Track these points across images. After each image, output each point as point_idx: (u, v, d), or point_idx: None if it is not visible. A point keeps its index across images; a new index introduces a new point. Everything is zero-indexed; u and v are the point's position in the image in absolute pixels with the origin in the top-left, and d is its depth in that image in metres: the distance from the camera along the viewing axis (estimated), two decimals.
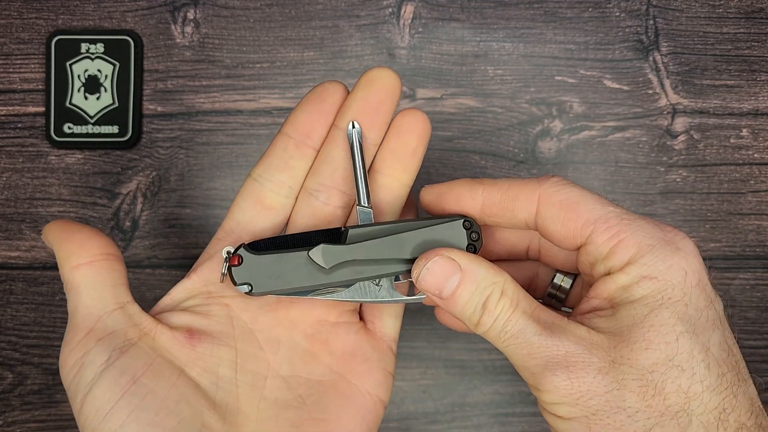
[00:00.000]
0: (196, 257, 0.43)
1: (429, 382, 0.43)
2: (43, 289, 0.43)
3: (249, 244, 0.28)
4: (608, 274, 0.26)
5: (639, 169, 0.43)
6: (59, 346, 0.43)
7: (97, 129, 0.43)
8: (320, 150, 0.29)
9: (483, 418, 0.43)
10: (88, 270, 0.27)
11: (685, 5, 0.44)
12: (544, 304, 0.31)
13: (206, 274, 0.29)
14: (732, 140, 0.43)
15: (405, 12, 0.44)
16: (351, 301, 0.29)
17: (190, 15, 0.44)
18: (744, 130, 0.43)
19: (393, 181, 0.29)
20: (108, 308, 0.27)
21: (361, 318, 0.32)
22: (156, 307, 0.29)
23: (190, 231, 0.43)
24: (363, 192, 0.28)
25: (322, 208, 0.29)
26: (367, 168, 0.28)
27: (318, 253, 0.27)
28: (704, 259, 0.43)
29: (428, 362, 0.43)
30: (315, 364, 0.29)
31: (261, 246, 0.28)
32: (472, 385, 0.43)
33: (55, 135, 0.43)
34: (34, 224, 0.43)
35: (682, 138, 0.43)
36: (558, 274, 0.31)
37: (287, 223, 0.30)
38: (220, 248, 0.29)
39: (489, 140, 0.43)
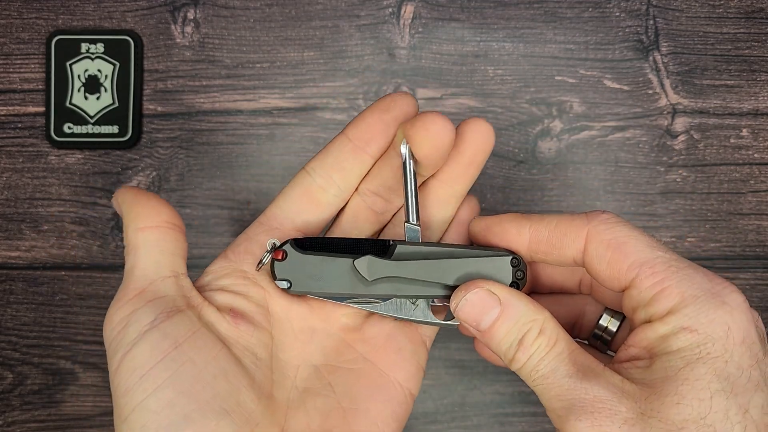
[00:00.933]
0: (196, 257, 0.43)
1: (429, 382, 0.43)
2: (43, 289, 0.43)
3: (295, 241, 0.28)
4: (649, 321, 0.25)
5: (639, 169, 0.43)
6: (59, 346, 0.43)
7: (97, 129, 0.43)
8: (381, 158, 0.29)
9: (483, 418, 0.43)
10: (152, 234, 0.27)
11: (685, 5, 0.44)
12: (589, 344, 0.31)
13: (243, 256, 0.29)
14: (732, 140, 0.43)
15: (405, 12, 0.44)
16: (384, 315, 0.29)
17: (190, 15, 0.44)
18: (744, 130, 0.43)
19: (446, 190, 0.29)
20: (162, 273, 0.27)
21: None
22: (195, 284, 0.29)
23: (190, 231, 0.43)
24: (412, 209, 0.28)
25: (368, 215, 0.29)
26: (418, 185, 0.28)
27: (363, 264, 0.27)
28: (704, 259, 0.43)
29: (428, 362, 0.43)
30: (348, 352, 0.29)
31: (307, 245, 0.28)
32: (472, 385, 0.43)
33: (55, 135, 0.43)
34: (34, 224, 0.43)
35: (682, 138, 0.43)
36: (605, 315, 0.30)
37: (331, 223, 0.30)
38: (261, 232, 0.29)
39: None
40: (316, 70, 0.44)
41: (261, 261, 0.28)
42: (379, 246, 0.28)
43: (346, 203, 0.29)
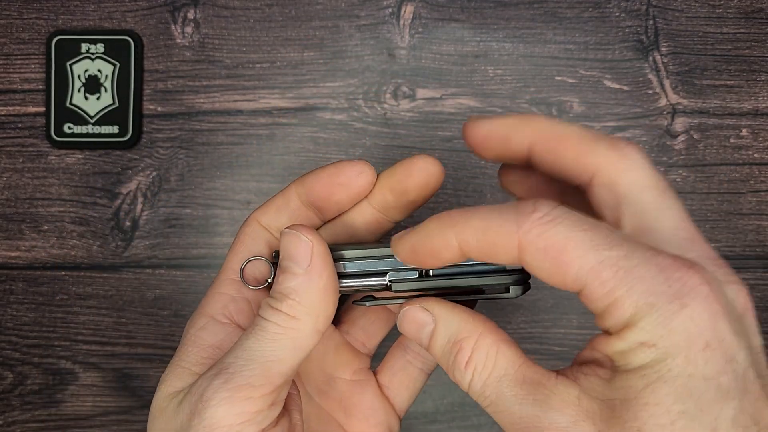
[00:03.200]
0: (196, 257, 0.43)
1: (429, 382, 0.43)
2: (43, 289, 0.43)
3: None
4: (608, 332, 0.22)
5: None
6: (59, 346, 0.43)
7: (97, 129, 0.43)
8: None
9: (483, 418, 0.43)
10: (319, 341, 0.25)
11: (685, 5, 0.44)
12: None
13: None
14: (732, 140, 0.43)
15: (405, 12, 0.44)
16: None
17: (190, 15, 0.44)
18: (744, 130, 0.43)
19: (379, 218, 0.29)
20: (291, 378, 0.25)
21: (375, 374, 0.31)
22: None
23: (190, 231, 0.43)
24: None
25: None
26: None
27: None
28: None
29: None
30: (328, 423, 0.29)
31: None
32: None
33: (55, 135, 0.43)
34: (34, 224, 0.43)
35: (682, 138, 0.43)
36: None
37: None
38: (226, 282, 0.28)
39: None
40: (316, 70, 0.44)
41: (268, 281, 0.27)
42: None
43: None
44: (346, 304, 0.32)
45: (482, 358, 0.23)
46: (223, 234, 0.43)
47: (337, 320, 0.31)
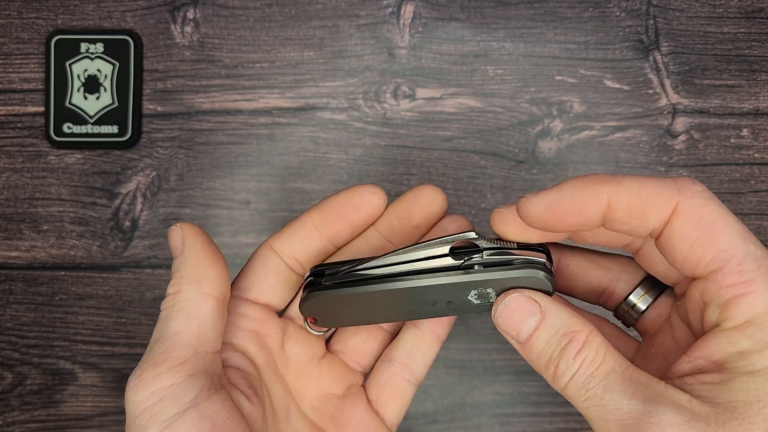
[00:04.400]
0: None
1: (429, 382, 0.43)
2: (43, 289, 0.43)
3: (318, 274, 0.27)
4: (719, 326, 0.22)
5: (639, 169, 0.43)
6: (59, 346, 0.43)
7: (96, 129, 0.43)
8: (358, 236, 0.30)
9: (483, 418, 0.43)
10: (213, 304, 0.26)
11: (686, 5, 0.44)
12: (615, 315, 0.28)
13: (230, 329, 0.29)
14: (732, 140, 0.43)
15: (405, 12, 0.44)
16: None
17: (190, 15, 0.44)
18: (744, 130, 0.43)
19: (387, 243, 0.29)
20: (208, 348, 0.25)
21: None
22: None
23: None
24: None
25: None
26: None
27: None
28: None
29: None
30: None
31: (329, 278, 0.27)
32: (472, 385, 0.43)
33: (55, 135, 0.43)
34: (34, 224, 0.43)
35: (682, 138, 0.43)
36: (638, 290, 0.27)
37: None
38: (235, 305, 0.29)
39: (489, 140, 0.43)
40: (316, 70, 0.43)
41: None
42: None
43: None
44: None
45: (593, 351, 0.23)
46: (222, 234, 0.43)
47: (328, 341, 0.31)
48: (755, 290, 0.21)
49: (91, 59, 0.43)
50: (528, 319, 0.24)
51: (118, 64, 0.43)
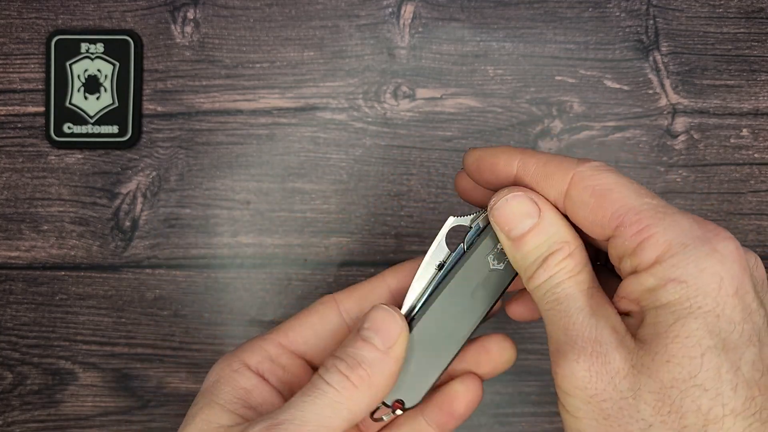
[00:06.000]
0: (195, 257, 0.43)
1: None
2: (43, 289, 0.43)
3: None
4: (635, 272, 0.24)
5: (639, 169, 0.43)
6: (59, 346, 0.43)
7: (96, 129, 0.43)
8: None
9: (483, 418, 0.43)
10: None
11: (686, 5, 0.44)
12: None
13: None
14: (732, 140, 0.43)
15: (405, 12, 0.44)
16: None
17: (190, 15, 0.44)
18: (744, 130, 0.43)
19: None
20: None
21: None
22: None
23: (189, 231, 0.43)
24: None
25: None
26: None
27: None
28: None
29: None
30: None
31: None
32: None
33: (55, 135, 0.43)
34: (34, 224, 0.43)
35: (682, 138, 0.43)
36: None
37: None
38: (282, 353, 0.30)
39: (489, 140, 0.43)
40: (316, 70, 0.43)
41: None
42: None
43: None
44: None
45: (572, 263, 0.25)
46: (222, 234, 0.43)
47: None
48: (655, 233, 0.23)
49: (92, 59, 0.43)
50: (525, 219, 0.25)
51: (118, 64, 0.43)
